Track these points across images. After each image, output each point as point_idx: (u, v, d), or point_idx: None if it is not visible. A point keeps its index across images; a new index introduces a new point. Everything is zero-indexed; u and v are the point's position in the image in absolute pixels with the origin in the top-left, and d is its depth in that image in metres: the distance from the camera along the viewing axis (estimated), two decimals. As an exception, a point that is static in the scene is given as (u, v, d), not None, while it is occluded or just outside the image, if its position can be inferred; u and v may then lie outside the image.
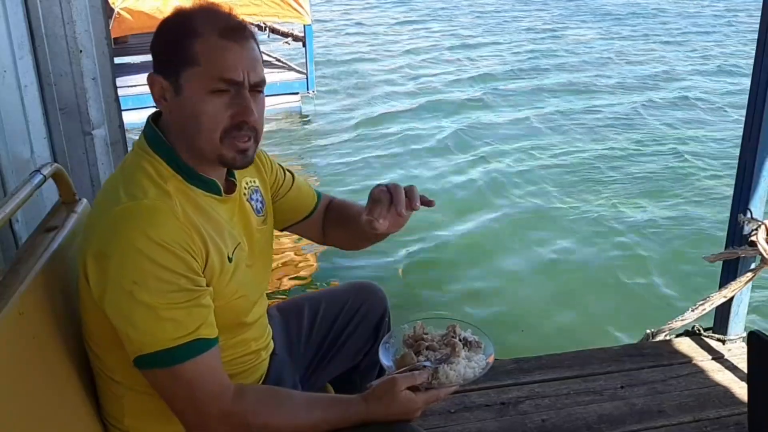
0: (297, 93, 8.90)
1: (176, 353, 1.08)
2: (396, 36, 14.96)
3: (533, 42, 13.86)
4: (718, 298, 2.47)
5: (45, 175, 1.35)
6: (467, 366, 1.24)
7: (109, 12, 7.80)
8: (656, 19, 16.47)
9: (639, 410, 2.15)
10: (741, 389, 2.25)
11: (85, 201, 1.50)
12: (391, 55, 12.92)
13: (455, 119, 8.69)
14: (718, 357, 2.46)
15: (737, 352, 2.48)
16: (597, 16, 17.09)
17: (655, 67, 11.38)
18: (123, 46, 8.83)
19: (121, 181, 1.15)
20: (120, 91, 2.05)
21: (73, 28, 1.77)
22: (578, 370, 2.36)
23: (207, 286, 1.14)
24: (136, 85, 7.61)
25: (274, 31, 9.83)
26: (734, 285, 2.43)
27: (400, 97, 9.83)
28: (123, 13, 8.08)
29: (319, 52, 11.19)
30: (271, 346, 1.42)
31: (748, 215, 2.35)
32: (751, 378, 1.44)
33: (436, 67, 11.83)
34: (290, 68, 9.32)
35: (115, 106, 1.94)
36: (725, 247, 2.47)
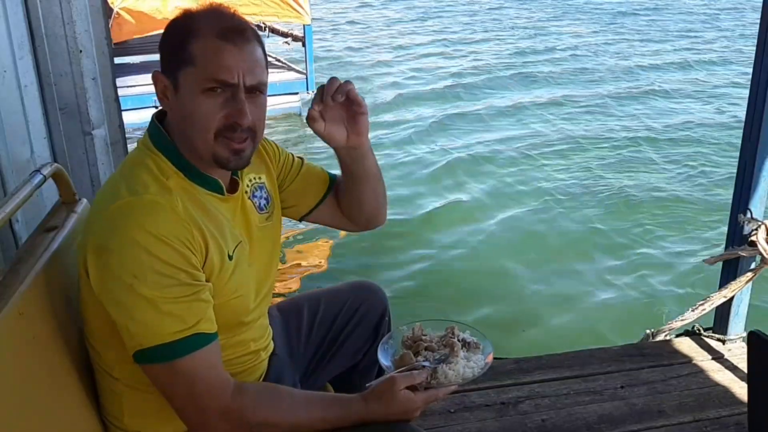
0: (297, 93, 8.90)
1: (176, 347, 1.09)
2: (395, 34, 14.98)
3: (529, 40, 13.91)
4: (718, 298, 2.47)
5: (45, 175, 1.35)
6: (466, 366, 1.24)
7: (108, 12, 7.79)
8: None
9: (639, 410, 2.15)
10: (741, 389, 2.25)
11: (85, 201, 1.50)
12: (390, 54, 12.93)
13: (457, 120, 8.69)
14: (718, 357, 2.46)
15: (737, 352, 2.48)
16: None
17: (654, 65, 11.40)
18: (123, 46, 8.81)
19: (122, 177, 1.16)
20: (120, 91, 2.05)
21: (73, 28, 1.77)
22: (578, 370, 2.36)
23: (207, 281, 1.14)
24: (136, 85, 7.61)
25: (273, 31, 9.82)
26: (734, 285, 2.43)
27: (399, 96, 9.84)
28: (122, 13, 8.07)
29: (318, 53, 11.19)
30: (271, 346, 1.42)
31: (748, 215, 2.35)
32: (751, 378, 1.44)
33: (435, 66, 11.85)
34: (290, 68, 9.31)
35: (115, 106, 1.94)
36: (725, 247, 2.47)
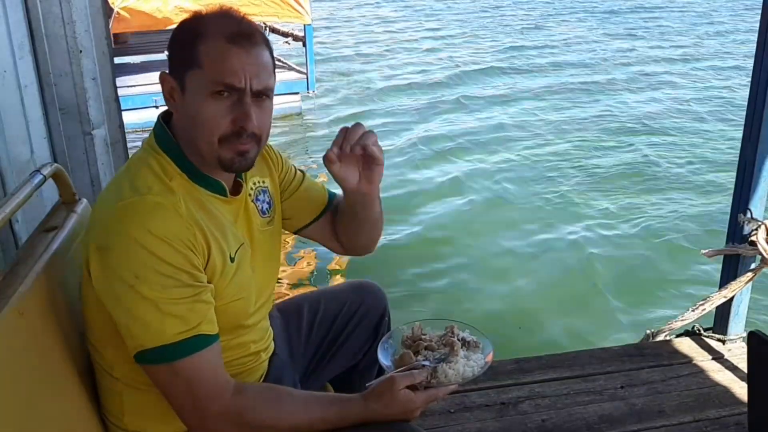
0: (297, 93, 8.90)
1: (177, 349, 1.09)
2: (392, 32, 14.99)
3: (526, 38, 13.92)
4: (718, 298, 2.47)
5: (45, 175, 1.35)
6: (466, 365, 1.24)
7: (108, 12, 7.79)
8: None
9: (639, 410, 2.15)
10: (741, 389, 2.25)
11: (85, 201, 1.50)
12: (389, 52, 12.94)
13: (457, 117, 8.70)
14: (718, 357, 2.46)
15: (737, 352, 2.47)
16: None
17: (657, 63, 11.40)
18: (123, 46, 8.83)
19: (126, 177, 1.16)
20: (120, 91, 2.05)
21: (73, 28, 1.77)
22: (578, 370, 2.36)
23: (208, 283, 1.14)
24: (136, 85, 7.62)
25: (274, 30, 9.82)
26: (734, 285, 2.43)
27: (401, 95, 9.84)
28: (123, 13, 8.07)
29: (317, 50, 11.20)
30: (272, 347, 1.42)
31: (748, 215, 2.35)
32: (751, 378, 1.44)
33: (434, 63, 11.85)
34: (290, 68, 9.31)
35: (114, 106, 1.94)
36: (725, 246, 2.47)
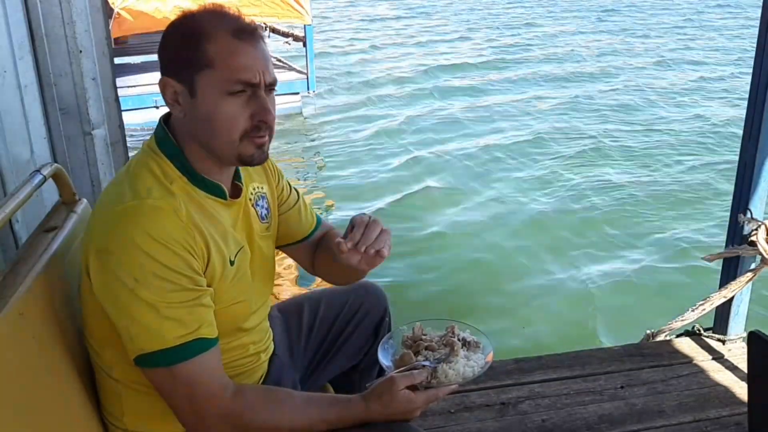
0: (298, 93, 8.90)
1: (177, 352, 1.09)
2: (390, 30, 15.00)
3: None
4: (718, 298, 2.47)
5: (45, 176, 1.35)
6: (466, 365, 1.24)
7: (109, 12, 7.79)
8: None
9: (639, 410, 2.15)
10: (741, 389, 2.25)
11: (85, 201, 1.50)
12: (387, 50, 12.94)
13: (459, 116, 8.70)
14: (719, 357, 2.46)
15: (737, 352, 2.47)
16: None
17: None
18: (123, 46, 8.83)
19: (126, 180, 1.15)
20: (120, 92, 2.05)
21: (73, 29, 1.77)
22: (578, 370, 2.36)
23: (208, 286, 1.14)
24: (137, 86, 7.62)
25: (274, 31, 9.82)
26: (734, 285, 2.43)
27: (400, 94, 9.84)
28: (123, 13, 8.08)
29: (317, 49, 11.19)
30: (271, 348, 1.42)
31: (748, 215, 2.35)
32: (751, 378, 1.44)
33: (432, 61, 11.86)
34: (291, 68, 9.31)
35: (115, 107, 1.94)
36: (725, 247, 2.47)
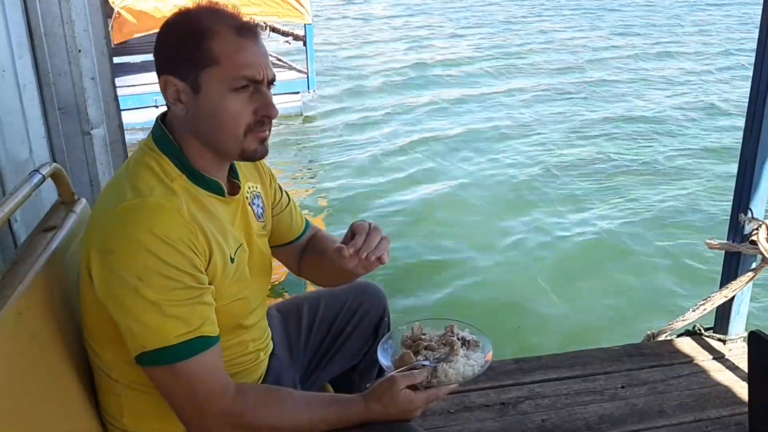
0: (298, 93, 8.90)
1: (179, 350, 1.09)
2: (389, 28, 15.04)
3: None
4: (719, 298, 2.47)
5: (44, 175, 1.35)
6: (466, 364, 1.24)
7: (109, 11, 7.79)
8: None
9: (639, 410, 2.15)
10: (742, 389, 2.24)
11: (84, 201, 1.49)
12: (387, 48, 12.95)
13: (458, 114, 8.70)
14: (719, 357, 2.45)
15: (738, 351, 2.47)
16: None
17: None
18: (123, 46, 8.81)
19: (126, 179, 1.15)
20: (120, 91, 2.05)
21: (72, 28, 1.76)
22: (579, 370, 2.36)
23: (209, 284, 1.14)
24: (136, 85, 7.61)
25: (274, 30, 9.82)
26: (735, 284, 2.42)
27: (401, 94, 9.84)
28: (123, 13, 8.07)
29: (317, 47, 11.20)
30: (271, 346, 1.42)
31: (749, 215, 2.34)
32: (751, 378, 1.43)
33: (431, 60, 11.87)
34: (291, 68, 9.31)
35: (114, 106, 1.94)
36: (726, 247, 2.47)
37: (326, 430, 1.19)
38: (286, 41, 9.76)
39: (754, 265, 2.42)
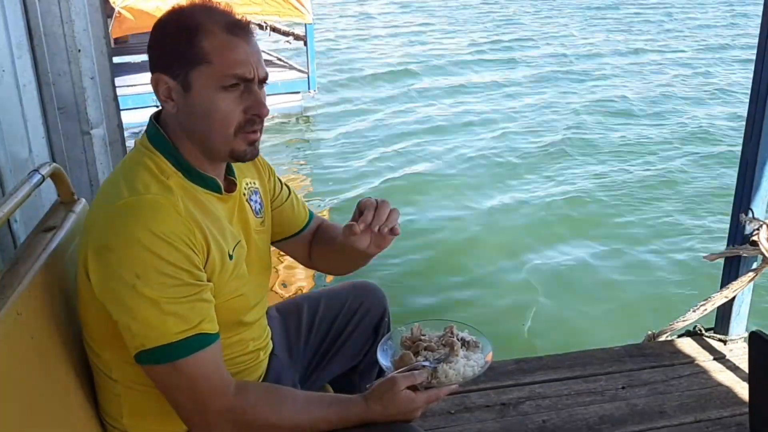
0: (298, 92, 8.89)
1: (179, 348, 1.08)
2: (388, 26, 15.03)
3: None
4: (720, 299, 2.47)
5: (43, 175, 1.35)
6: (466, 365, 1.24)
7: (109, 11, 7.78)
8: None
9: (640, 411, 2.15)
10: (742, 389, 2.24)
11: (84, 201, 1.49)
12: (388, 48, 12.95)
13: (459, 113, 8.69)
14: (720, 357, 2.45)
15: (738, 352, 2.47)
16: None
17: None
18: (123, 46, 8.81)
19: (122, 177, 1.15)
20: (120, 91, 2.04)
21: (72, 28, 1.76)
22: (579, 370, 2.35)
23: (208, 281, 1.14)
24: (136, 85, 7.60)
25: (275, 30, 9.82)
26: (735, 285, 2.42)
27: (402, 92, 9.84)
28: (124, 12, 8.06)
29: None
30: (270, 346, 1.42)
31: (750, 215, 2.34)
32: (752, 378, 1.43)
33: (431, 58, 11.87)
34: (291, 67, 9.30)
35: (113, 106, 1.93)
36: (726, 247, 2.46)
37: (327, 430, 1.19)
38: (287, 41, 9.76)
39: (754, 266, 2.42)
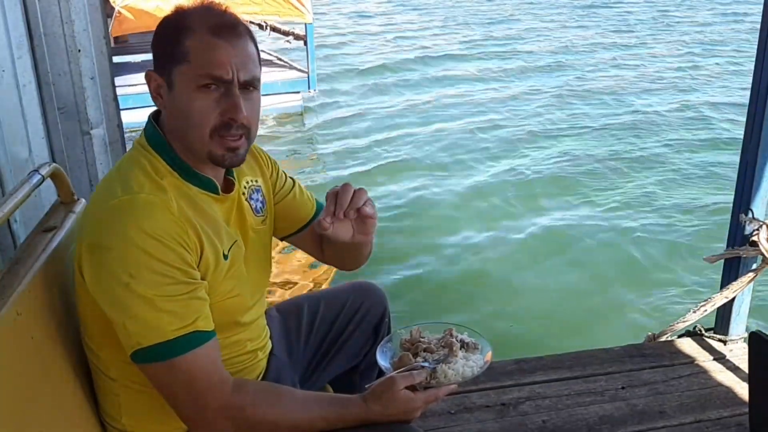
0: (298, 92, 8.89)
1: (174, 345, 1.09)
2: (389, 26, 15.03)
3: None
4: (720, 299, 2.47)
5: (43, 175, 1.35)
6: (465, 365, 1.24)
7: (109, 11, 7.78)
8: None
9: (640, 411, 2.15)
10: (742, 390, 2.24)
11: (84, 201, 1.49)
12: (387, 47, 12.95)
13: (459, 113, 8.69)
14: (720, 357, 2.45)
15: (738, 352, 2.47)
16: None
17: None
18: (123, 45, 8.81)
19: (117, 176, 1.16)
20: (120, 90, 2.04)
21: (72, 27, 1.76)
22: (579, 370, 2.35)
23: (202, 280, 1.14)
24: (136, 85, 7.60)
25: (275, 29, 9.81)
26: (735, 285, 2.42)
27: (402, 93, 9.84)
28: (124, 12, 8.06)
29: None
30: (269, 346, 1.42)
31: (750, 215, 2.34)
32: (752, 378, 1.43)
33: (431, 57, 11.87)
34: (291, 67, 9.30)
35: (113, 106, 1.94)
36: (726, 247, 2.46)
37: (326, 430, 1.19)
38: (287, 41, 9.76)
39: (754, 266, 2.41)
